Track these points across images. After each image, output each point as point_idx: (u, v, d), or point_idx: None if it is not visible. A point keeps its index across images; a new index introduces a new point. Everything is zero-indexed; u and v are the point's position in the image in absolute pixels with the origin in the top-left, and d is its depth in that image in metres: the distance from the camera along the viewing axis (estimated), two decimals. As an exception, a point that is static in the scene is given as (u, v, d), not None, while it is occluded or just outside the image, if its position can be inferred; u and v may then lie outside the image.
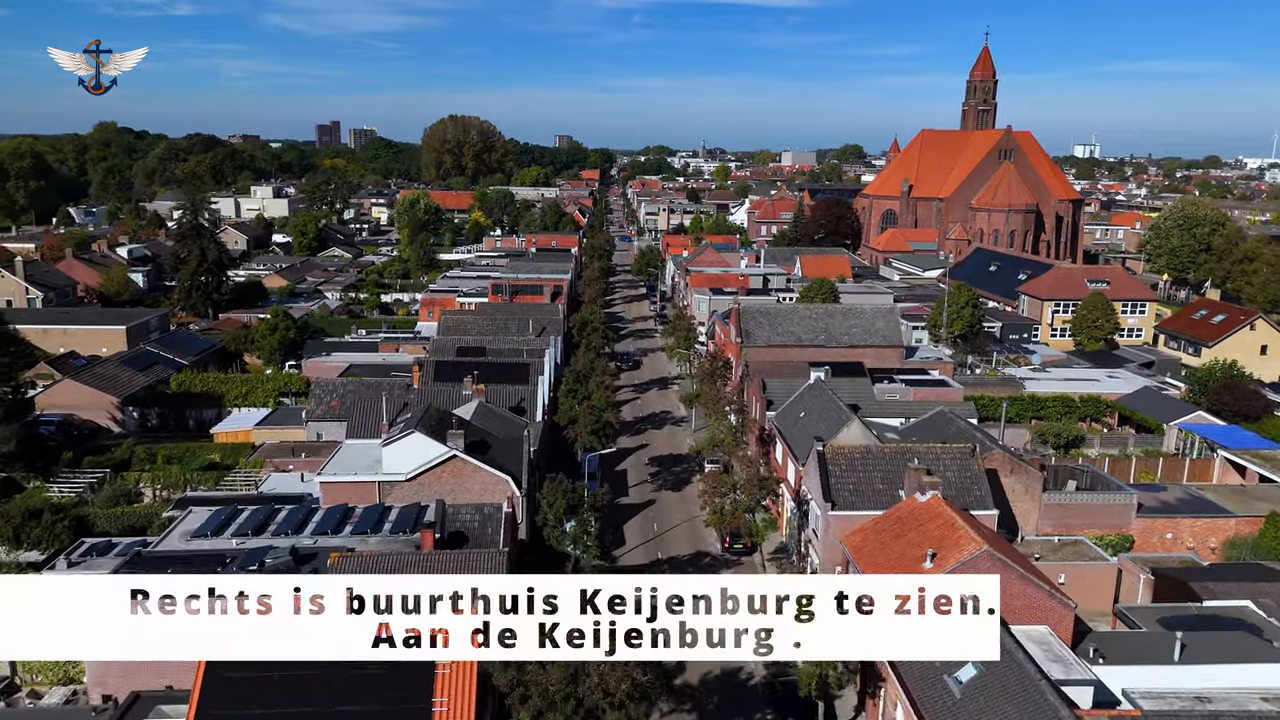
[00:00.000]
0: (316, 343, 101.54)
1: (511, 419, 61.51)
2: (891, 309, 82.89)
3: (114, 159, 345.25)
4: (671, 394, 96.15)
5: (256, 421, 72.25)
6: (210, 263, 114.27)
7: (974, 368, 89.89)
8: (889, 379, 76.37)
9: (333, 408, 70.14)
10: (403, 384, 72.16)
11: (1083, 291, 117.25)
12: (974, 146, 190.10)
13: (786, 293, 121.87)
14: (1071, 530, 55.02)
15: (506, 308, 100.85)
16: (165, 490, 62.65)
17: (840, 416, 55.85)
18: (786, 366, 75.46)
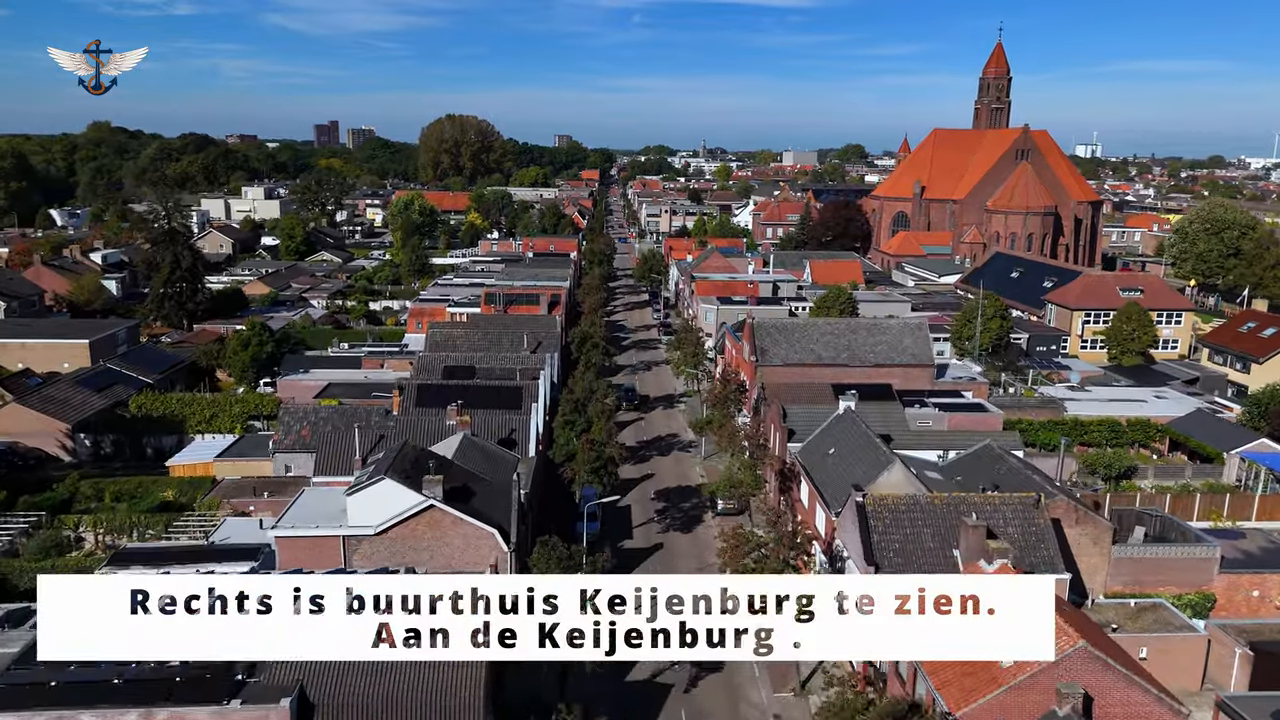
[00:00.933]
0: (295, 358, 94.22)
1: (500, 455, 54.20)
2: (920, 324, 75.62)
3: (104, 159, 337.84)
4: (678, 414, 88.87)
5: (219, 452, 64.88)
6: (184, 270, 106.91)
7: (1008, 386, 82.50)
8: (920, 403, 69.11)
9: (302, 437, 62.97)
10: (381, 410, 65.02)
11: (1115, 300, 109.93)
12: (989, 146, 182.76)
13: (799, 302, 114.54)
14: (1145, 588, 47.79)
15: (500, 320, 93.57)
16: (109, 535, 55.39)
17: (878, 456, 48.48)
18: (807, 390, 68.13)
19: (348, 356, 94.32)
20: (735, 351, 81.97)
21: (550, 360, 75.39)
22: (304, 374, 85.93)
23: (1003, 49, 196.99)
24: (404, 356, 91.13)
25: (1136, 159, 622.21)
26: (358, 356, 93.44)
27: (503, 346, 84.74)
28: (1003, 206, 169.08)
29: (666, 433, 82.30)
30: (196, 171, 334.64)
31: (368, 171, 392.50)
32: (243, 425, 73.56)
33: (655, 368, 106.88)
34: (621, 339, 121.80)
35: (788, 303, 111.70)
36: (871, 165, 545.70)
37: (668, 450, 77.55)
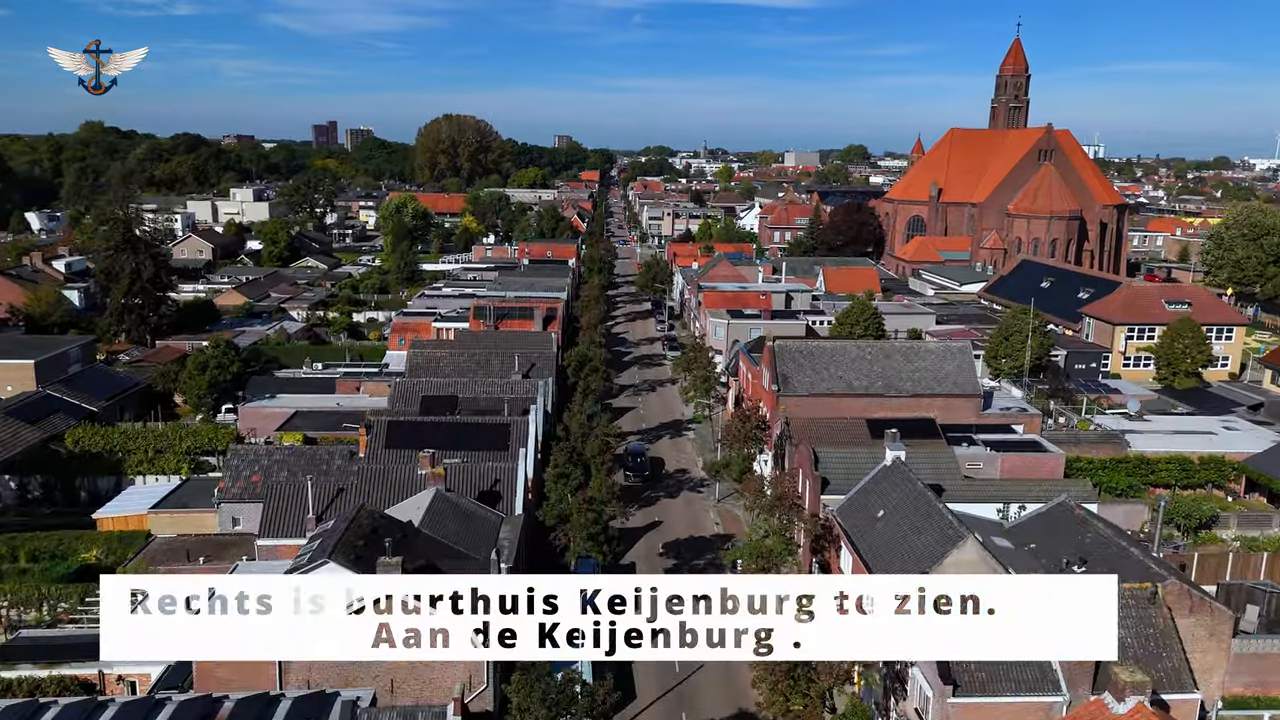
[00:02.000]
0: (263, 379, 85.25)
1: (480, 515, 45.25)
2: (964, 347, 66.56)
3: (92, 159, 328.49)
4: (687, 442, 79.93)
5: (156, 500, 55.77)
6: (145, 281, 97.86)
7: (1058, 415, 73.40)
8: (968, 440, 60.14)
9: (253, 484, 54.01)
10: (346, 451, 56.10)
11: (1161, 314, 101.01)
12: (1009, 146, 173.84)
13: (816, 316, 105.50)
14: (1269, 689, 38.78)
15: (489, 338, 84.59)
16: (14, 609, 46.42)
17: (943, 528, 39.33)
18: (838, 427, 59.21)
19: (321, 378, 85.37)
20: (752, 377, 73.01)
21: (544, 389, 66.46)
22: (269, 399, 76.99)
23: (1021, 45, 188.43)
24: (383, 379, 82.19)
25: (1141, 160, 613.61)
26: (332, 378, 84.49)
27: (491, 369, 75.95)
28: (1025, 210, 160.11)
29: (675, 467, 73.25)
30: (186, 172, 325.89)
31: (363, 172, 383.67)
32: (191, 464, 64.48)
33: (660, 388, 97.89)
34: (623, 354, 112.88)
35: (804, 317, 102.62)
36: (875, 166, 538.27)
37: (676, 490, 68.52)
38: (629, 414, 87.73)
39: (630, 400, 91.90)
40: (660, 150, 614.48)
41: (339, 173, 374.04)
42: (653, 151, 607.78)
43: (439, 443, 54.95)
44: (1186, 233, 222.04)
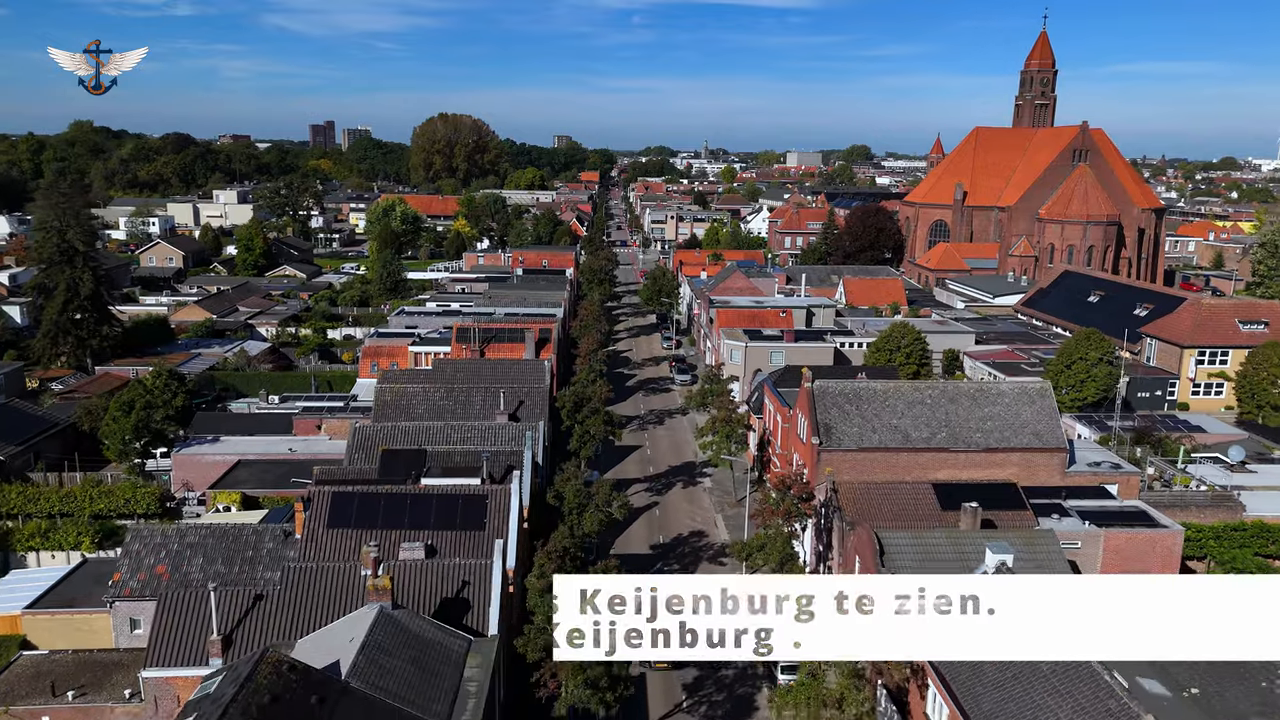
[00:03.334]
0: (210, 415, 73.69)
1: (438, 645, 33.38)
2: (1043, 390, 54.65)
3: (76, 160, 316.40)
4: (703, 494, 68.12)
5: (35, 596, 43.87)
6: (83, 298, 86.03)
7: (1147, 464, 61.41)
8: (1058, 511, 48.38)
9: (157, 575, 42.25)
10: (280, 532, 44.27)
11: (1235, 335, 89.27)
12: (1039, 147, 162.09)
13: (844, 335, 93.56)
14: None
15: (472, 368, 72.75)
16: None
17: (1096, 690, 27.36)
18: (899, 495, 47.46)
19: (277, 413, 73.69)
20: (781, 419, 61.16)
21: (532, 439, 54.56)
22: (211, 443, 65.30)
23: (1047, 38, 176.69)
24: (348, 415, 70.52)
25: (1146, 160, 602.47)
26: (290, 414, 72.79)
27: (472, 409, 64.19)
28: (1059, 215, 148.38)
29: (689, 530, 61.33)
30: (171, 173, 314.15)
31: (357, 173, 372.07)
32: (97, 537, 52.50)
33: (669, 420, 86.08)
34: (626, 377, 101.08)
35: (831, 339, 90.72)
36: (879, 166, 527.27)
37: (694, 561, 56.50)
38: (634, 454, 76.02)
39: (635, 437, 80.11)
40: (661, 150, 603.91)
41: (331, 174, 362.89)
42: (653, 152, 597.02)
43: (394, 520, 43.36)
44: (1219, 237, 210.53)
